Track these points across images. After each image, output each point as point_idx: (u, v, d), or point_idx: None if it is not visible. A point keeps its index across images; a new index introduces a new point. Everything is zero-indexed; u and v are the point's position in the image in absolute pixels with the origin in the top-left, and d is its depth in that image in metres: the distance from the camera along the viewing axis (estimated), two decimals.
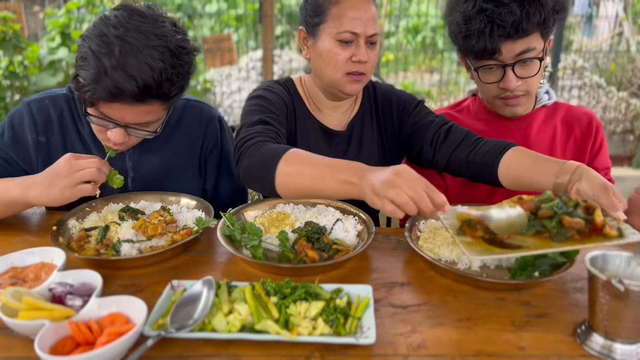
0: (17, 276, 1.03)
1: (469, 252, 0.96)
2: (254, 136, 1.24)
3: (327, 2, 1.37)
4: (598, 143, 1.61)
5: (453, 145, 1.40)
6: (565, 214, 1.00)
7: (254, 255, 1.13)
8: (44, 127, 1.41)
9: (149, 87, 1.16)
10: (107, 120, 1.24)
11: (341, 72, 1.39)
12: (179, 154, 1.51)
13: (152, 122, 1.29)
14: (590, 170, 1.11)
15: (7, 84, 3.95)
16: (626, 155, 5.17)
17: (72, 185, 1.21)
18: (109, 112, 1.22)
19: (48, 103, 1.43)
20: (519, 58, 1.40)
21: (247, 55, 6.20)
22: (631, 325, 0.83)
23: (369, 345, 0.87)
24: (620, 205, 1.03)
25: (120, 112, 1.21)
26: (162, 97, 1.21)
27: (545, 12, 1.36)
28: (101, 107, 1.21)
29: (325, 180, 1.09)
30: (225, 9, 7.20)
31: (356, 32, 1.35)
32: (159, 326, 0.89)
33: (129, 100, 1.17)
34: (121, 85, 1.13)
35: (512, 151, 1.28)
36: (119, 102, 1.17)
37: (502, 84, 1.44)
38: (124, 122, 1.24)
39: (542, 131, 1.60)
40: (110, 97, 1.16)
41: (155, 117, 1.28)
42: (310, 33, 1.43)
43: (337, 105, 1.54)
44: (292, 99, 1.50)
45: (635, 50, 5.85)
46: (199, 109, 1.56)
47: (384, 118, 1.58)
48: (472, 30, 1.38)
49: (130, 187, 1.48)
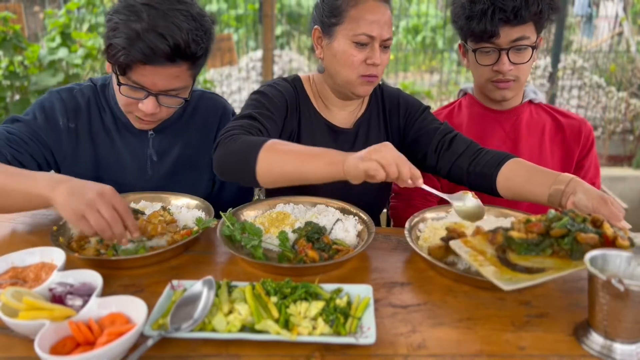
0: (18, 276, 1.03)
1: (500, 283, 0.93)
2: (233, 129, 1.28)
3: (345, 4, 1.38)
4: (586, 151, 1.69)
5: (455, 154, 1.43)
6: (578, 231, 0.99)
7: (254, 255, 1.13)
8: (74, 114, 1.47)
9: (178, 46, 1.23)
10: (139, 89, 1.30)
11: (355, 73, 1.40)
12: (194, 143, 1.57)
13: (181, 89, 1.34)
14: (585, 183, 1.16)
15: (7, 84, 3.95)
16: (626, 155, 5.17)
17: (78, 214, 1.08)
18: (141, 79, 1.27)
19: (77, 92, 1.49)
20: (513, 44, 1.52)
21: (247, 56, 6.19)
22: (631, 325, 0.83)
23: (369, 345, 0.87)
24: (620, 214, 1.07)
25: (152, 77, 1.27)
26: (191, 57, 1.28)
27: (542, 4, 1.48)
28: (133, 75, 1.27)
29: (309, 164, 1.13)
30: (225, 9, 7.19)
31: (373, 35, 1.36)
32: (159, 326, 0.89)
33: (162, 61, 1.23)
34: (154, 45, 1.21)
35: (510, 163, 1.32)
36: (151, 64, 1.24)
37: (496, 67, 1.56)
38: (155, 89, 1.30)
39: (531, 125, 1.69)
40: (145, 58, 1.22)
41: (183, 83, 1.33)
42: (325, 33, 1.44)
43: (346, 104, 1.55)
44: (297, 96, 1.52)
45: (635, 50, 5.85)
46: (214, 99, 1.64)
47: (390, 119, 1.59)
48: (476, 11, 1.50)
49: (150, 172, 1.53)
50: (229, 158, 1.22)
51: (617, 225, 1.04)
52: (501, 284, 0.93)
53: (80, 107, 1.47)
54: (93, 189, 1.09)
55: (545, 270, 0.96)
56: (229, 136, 1.24)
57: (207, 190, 1.64)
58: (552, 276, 0.95)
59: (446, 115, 1.76)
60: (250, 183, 1.21)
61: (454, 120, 1.73)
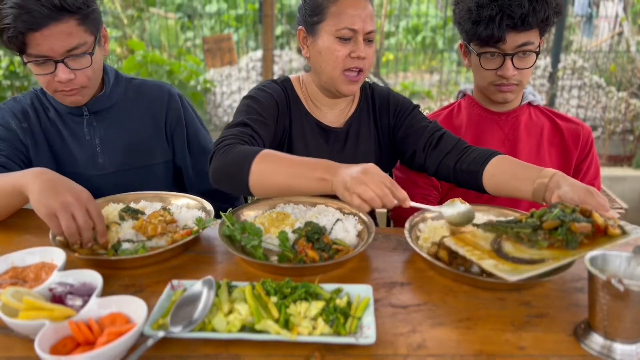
0: (18, 276, 1.03)
1: (504, 274, 0.94)
2: (226, 138, 1.30)
3: (326, 1, 1.40)
4: (585, 154, 1.69)
5: (443, 152, 1.45)
6: (571, 221, 1.01)
7: (254, 255, 1.13)
8: (23, 115, 1.55)
9: (54, 4, 1.29)
10: (43, 60, 1.35)
11: (340, 68, 1.42)
12: (143, 126, 1.63)
13: (80, 46, 1.38)
14: (568, 177, 1.17)
15: (7, 83, 3.96)
16: (626, 155, 5.16)
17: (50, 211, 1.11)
18: (38, 49, 1.32)
19: (19, 99, 1.59)
20: (519, 50, 1.51)
21: (247, 56, 6.19)
22: (631, 325, 0.83)
23: (369, 345, 0.87)
24: (607, 205, 1.08)
25: (47, 43, 1.32)
26: (70, 9, 1.32)
27: (548, 11, 1.47)
28: (31, 49, 1.32)
29: (299, 178, 1.15)
30: (225, 9, 7.20)
31: (355, 28, 1.39)
32: (159, 326, 0.89)
33: (46, 21, 1.29)
34: (32, 10, 1.26)
35: (495, 159, 1.34)
36: (38, 29, 1.29)
37: (500, 72, 1.55)
38: (56, 55, 1.34)
39: (530, 127, 1.70)
40: (29, 25, 1.28)
41: (79, 39, 1.37)
42: (309, 32, 1.46)
43: (335, 103, 1.57)
44: (287, 97, 1.53)
45: (635, 50, 5.85)
46: (159, 85, 1.70)
47: (380, 117, 1.61)
48: (483, 16, 1.48)
49: (101, 161, 1.59)
50: (224, 169, 1.24)
51: (606, 215, 1.06)
52: (505, 275, 0.93)
53: (26, 109, 1.56)
54: (70, 190, 1.12)
55: (545, 261, 0.97)
56: (223, 147, 1.26)
57: (167, 179, 1.71)
58: (554, 265, 0.95)
59: (445, 117, 1.76)
60: (245, 194, 1.23)
61: (454, 122, 1.73)
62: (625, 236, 0.99)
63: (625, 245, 1.23)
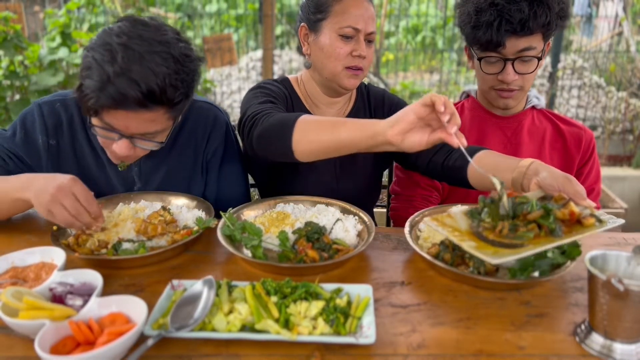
0: (18, 276, 1.03)
1: (486, 257, 0.92)
2: (264, 109, 1.31)
3: (331, 0, 1.44)
4: (586, 158, 1.68)
5: (433, 150, 1.45)
6: (555, 209, 1.00)
7: (254, 255, 1.13)
8: (55, 131, 1.40)
9: (152, 93, 1.13)
10: (111, 130, 1.21)
11: (341, 65, 1.44)
12: (183, 158, 1.50)
13: (158, 133, 1.26)
14: (547, 165, 1.15)
15: (7, 83, 3.95)
16: (626, 155, 5.17)
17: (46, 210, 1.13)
18: (113, 122, 1.19)
19: (59, 106, 1.41)
20: (519, 55, 1.49)
21: (247, 55, 6.20)
22: (631, 325, 0.83)
23: (369, 345, 0.87)
24: (584, 193, 1.07)
25: (124, 121, 1.18)
26: (166, 103, 1.18)
27: (550, 15, 1.45)
28: (105, 117, 1.18)
29: (342, 128, 1.13)
30: (225, 9, 7.19)
31: (358, 27, 1.42)
32: (159, 326, 0.89)
33: (133, 106, 1.14)
34: (124, 91, 1.11)
35: (479, 154, 1.32)
36: (122, 109, 1.14)
37: (500, 77, 1.54)
38: (128, 132, 1.21)
39: (532, 131, 1.69)
40: (114, 104, 1.13)
41: (160, 126, 1.24)
42: (312, 29, 1.49)
43: (333, 102, 1.59)
44: (288, 95, 1.56)
45: (635, 50, 5.85)
46: (206, 108, 1.53)
47: (376, 115, 1.64)
48: (482, 21, 1.47)
49: (136, 188, 1.48)
50: (268, 131, 1.24)
51: (583, 203, 1.05)
52: (487, 258, 0.91)
53: (61, 123, 1.41)
54: (53, 182, 1.13)
55: (525, 245, 0.96)
56: (263, 115, 1.28)
57: None
58: (535, 250, 0.94)
59: None
60: (287, 156, 1.21)
61: None
62: (602, 225, 0.99)
63: (625, 245, 1.23)
